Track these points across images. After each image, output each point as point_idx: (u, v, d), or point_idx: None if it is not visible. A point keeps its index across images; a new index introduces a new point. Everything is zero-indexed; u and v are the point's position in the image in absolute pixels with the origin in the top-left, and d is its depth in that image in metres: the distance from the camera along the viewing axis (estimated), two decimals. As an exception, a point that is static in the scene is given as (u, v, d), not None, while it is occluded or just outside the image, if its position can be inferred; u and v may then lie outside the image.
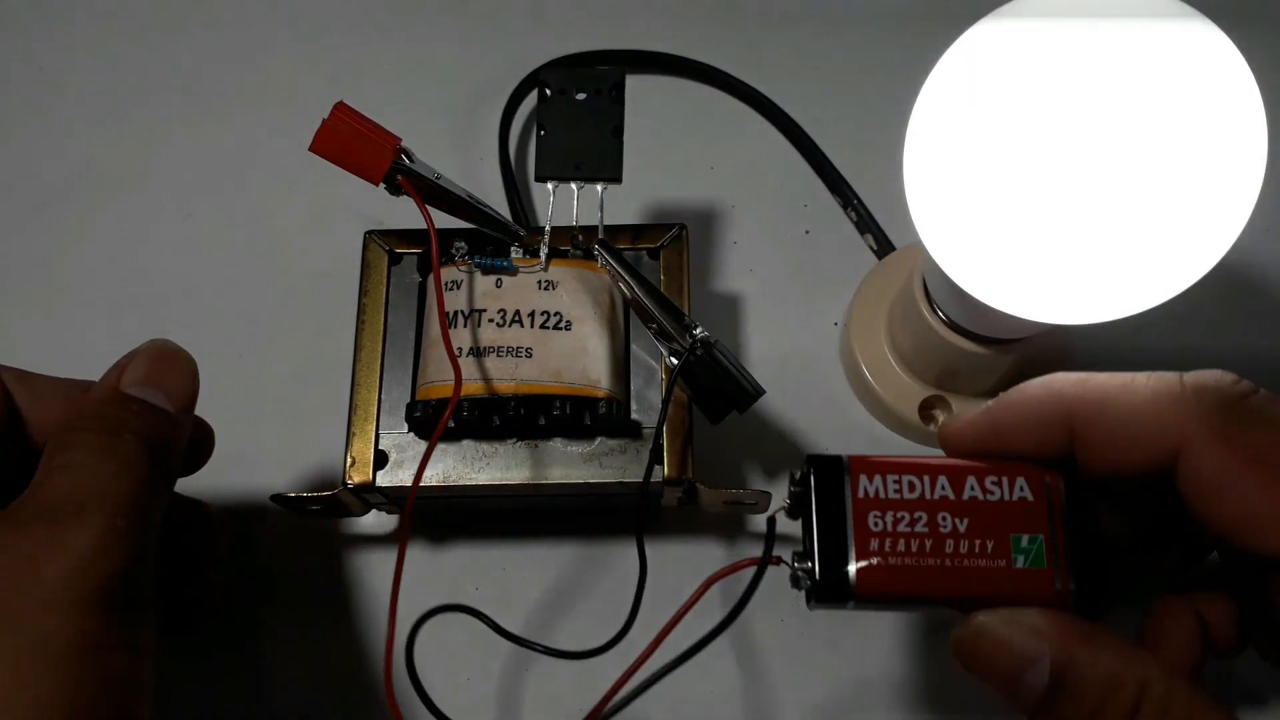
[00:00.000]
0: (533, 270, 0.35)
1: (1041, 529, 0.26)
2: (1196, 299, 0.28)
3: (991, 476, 0.26)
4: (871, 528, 0.26)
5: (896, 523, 0.26)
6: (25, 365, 0.30)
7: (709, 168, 0.46)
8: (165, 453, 0.27)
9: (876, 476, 0.27)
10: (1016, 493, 0.26)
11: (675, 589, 0.38)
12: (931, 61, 0.31)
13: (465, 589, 0.38)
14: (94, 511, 0.24)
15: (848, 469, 0.27)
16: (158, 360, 0.28)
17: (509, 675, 0.37)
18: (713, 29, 0.48)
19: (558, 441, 0.34)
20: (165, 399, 0.27)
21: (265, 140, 0.47)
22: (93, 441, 0.25)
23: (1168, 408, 0.23)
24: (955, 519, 0.26)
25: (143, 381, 0.27)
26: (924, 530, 0.26)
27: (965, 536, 0.26)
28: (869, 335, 0.40)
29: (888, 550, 0.26)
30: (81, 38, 0.49)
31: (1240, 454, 0.22)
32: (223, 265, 0.44)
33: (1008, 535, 0.26)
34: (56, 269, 0.44)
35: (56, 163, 0.47)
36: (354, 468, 0.34)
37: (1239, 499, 0.22)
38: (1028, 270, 0.29)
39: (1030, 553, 0.25)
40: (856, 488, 0.27)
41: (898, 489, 0.26)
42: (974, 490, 0.26)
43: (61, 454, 0.25)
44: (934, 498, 0.26)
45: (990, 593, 0.25)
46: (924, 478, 0.26)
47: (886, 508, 0.26)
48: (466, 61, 0.48)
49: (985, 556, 0.25)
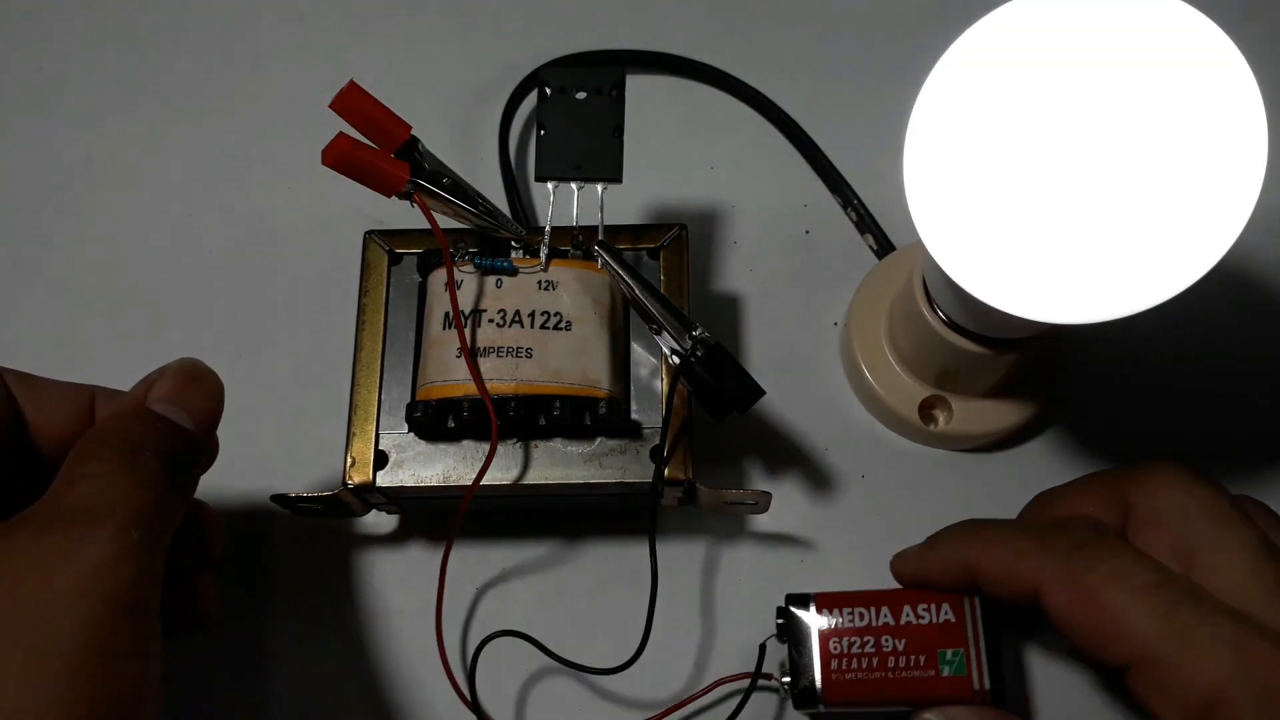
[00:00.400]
0: (533, 270, 0.35)
1: (962, 644, 0.33)
2: (1196, 298, 0.28)
3: (923, 604, 0.33)
4: (833, 651, 0.33)
5: (851, 645, 0.33)
6: (24, 365, 0.30)
7: (709, 168, 0.46)
8: (182, 471, 0.27)
9: (836, 609, 0.34)
10: (942, 616, 0.33)
11: (675, 589, 0.38)
12: (931, 61, 0.31)
13: (465, 589, 0.38)
14: (110, 522, 0.24)
15: (814, 603, 0.34)
16: (185, 379, 0.29)
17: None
18: (713, 29, 0.48)
19: (558, 442, 0.34)
20: (188, 418, 0.28)
21: (265, 140, 0.47)
22: (114, 454, 0.26)
23: (1026, 562, 0.29)
24: (895, 640, 0.33)
25: (168, 399, 0.28)
26: (872, 650, 0.33)
27: (904, 653, 0.33)
28: (869, 335, 0.40)
29: (845, 668, 0.33)
30: (81, 38, 0.49)
31: (1076, 593, 0.28)
32: (223, 265, 0.44)
33: (936, 650, 0.33)
34: (56, 268, 0.44)
35: (56, 162, 0.47)
36: (354, 468, 0.34)
37: (1078, 629, 0.28)
38: (1028, 270, 0.29)
39: (954, 663, 0.33)
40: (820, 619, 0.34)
41: (851, 618, 0.34)
42: (909, 616, 0.33)
43: (83, 464, 0.26)
44: (879, 624, 0.33)
45: (926, 695, 0.33)
46: (870, 608, 0.34)
47: (844, 634, 0.34)
48: (466, 61, 0.48)
49: (920, 668, 0.33)
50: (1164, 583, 0.27)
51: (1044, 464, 0.40)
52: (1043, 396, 0.39)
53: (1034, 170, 0.29)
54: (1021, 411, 0.39)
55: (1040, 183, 0.29)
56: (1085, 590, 0.27)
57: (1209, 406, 0.41)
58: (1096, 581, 0.27)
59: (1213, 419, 0.40)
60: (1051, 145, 0.29)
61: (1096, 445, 0.40)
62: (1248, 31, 0.28)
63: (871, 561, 0.37)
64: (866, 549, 0.37)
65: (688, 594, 0.38)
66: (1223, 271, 0.27)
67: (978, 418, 0.39)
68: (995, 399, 0.39)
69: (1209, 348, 0.41)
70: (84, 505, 0.25)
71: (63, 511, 0.25)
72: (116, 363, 0.42)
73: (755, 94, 0.46)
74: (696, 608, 0.38)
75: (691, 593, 0.38)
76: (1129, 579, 0.27)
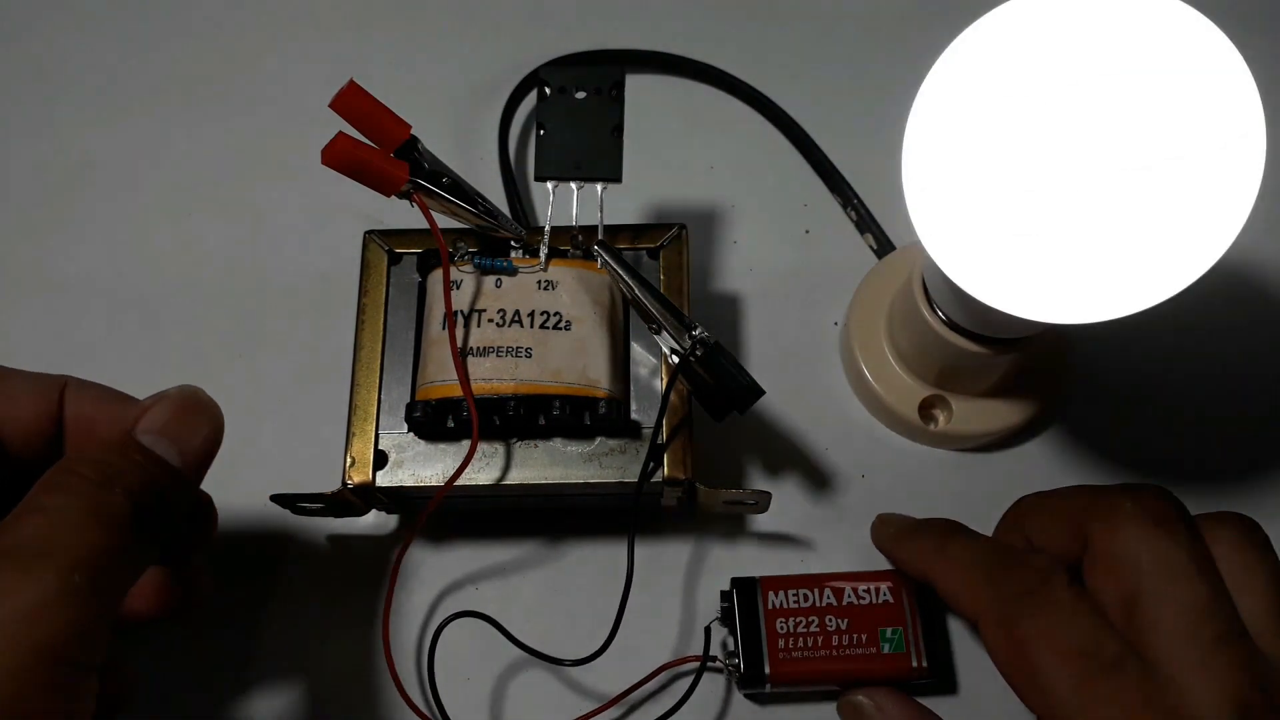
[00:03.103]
0: (532, 270, 0.35)
1: (901, 622, 0.35)
2: (1196, 298, 0.28)
3: (864, 585, 0.35)
4: (779, 631, 0.34)
5: (796, 625, 0.35)
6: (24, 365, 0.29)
7: (709, 168, 0.46)
8: (155, 514, 0.25)
9: (781, 591, 0.35)
10: (881, 597, 0.35)
11: (675, 590, 0.38)
12: (931, 61, 0.31)
13: (465, 589, 0.38)
14: (52, 563, 0.22)
15: (759, 587, 0.35)
16: (180, 410, 0.26)
17: (508, 677, 0.37)
18: (712, 29, 0.48)
19: (557, 441, 0.34)
20: (177, 455, 0.26)
21: (265, 140, 0.47)
22: (78, 488, 0.24)
23: (971, 594, 0.30)
24: (838, 619, 0.35)
25: (158, 430, 0.26)
26: (816, 630, 0.35)
27: (846, 632, 0.34)
28: (869, 335, 0.40)
29: (791, 648, 0.34)
30: (81, 38, 0.49)
31: (1006, 640, 0.28)
32: (223, 265, 0.44)
33: (877, 629, 0.34)
34: (56, 268, 0.44)
35: (56, 163, 0.47)
36: (354, 468, 0.34)
37: (1003, 670, 0.29)
38: (1027, 270, 0.29)
39: (894, 640, 0.34)
40: (767, 601, 0.35)
41: (796, 600, 0.35)
42: (851, 597, 0.35)
43: (43, 494, 0.24)
44: (822, 604, 0.35)
45: (867, 672, 0.34)
46: (814, 589, 0.35)
47: (789, 615, 0.35)
48: (466, 61, 0.48)
49: (861, 646, 0.34)
50: (1088, 651, 0.27)
51: (1044, 464, 0.40)
52: (1043, 396, 0.39)
53: (1033, 170, 0.29)
54: (1021, 411, 0.39)
55: (1039, 183, 0.29)
56: (1015, 639, 0.28)
57: (1208, 406, 0.41)
58: (1027, 633, 0.28)
59: (1212, 419, 0.40)
60: (1050, 145, 0.29)
61: (1096, 445, 0.40)
62: (1247, 32, 0.28)
63: (871, 561, 0.37)
64: (866, 549, 0.37)
65: (688, 594, 0.38)
66: (1222, 271, 0.27)
67: (978, 418, 0.39)
68: (995, 399, 0.39)
69: (1208, 348, 0.41)
70: (30, 541, 0.22)
71: (6, 544, 0.22)
72: (116, 363, 0.42)
73: (755, 94, 0.46)
74: (696, 607, 0.38)
75: (692, 593, 0.38)
76: (1056, 638, 0.27)
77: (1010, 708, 0.32)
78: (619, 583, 0.33)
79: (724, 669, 0.35)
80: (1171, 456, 0.40)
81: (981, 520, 0.34)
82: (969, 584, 0.31)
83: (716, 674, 0.36)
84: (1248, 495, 0.39)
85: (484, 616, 0.35)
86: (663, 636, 0.37)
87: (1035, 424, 0.40)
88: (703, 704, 0.36)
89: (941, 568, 0.32)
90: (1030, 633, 0.28)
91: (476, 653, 0.36)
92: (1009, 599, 0.29)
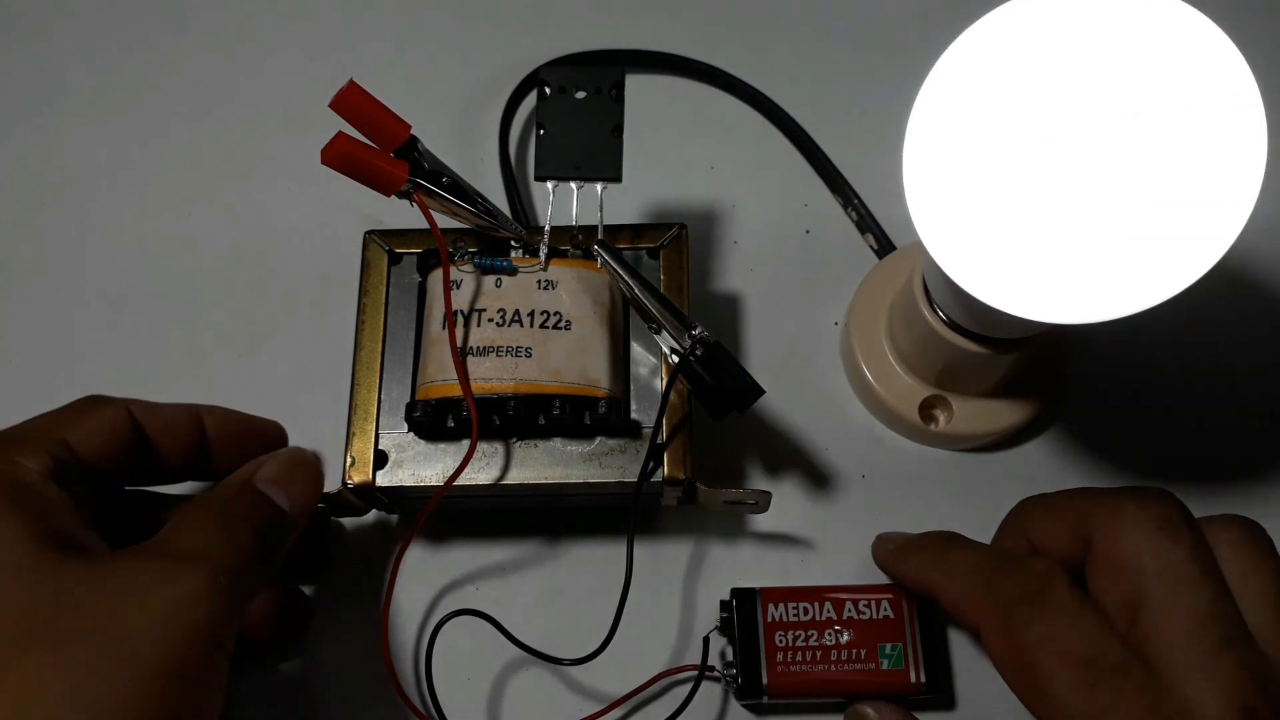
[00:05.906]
0: (532, 270, 0.35)
1: (900, 639, 0.34)
2: (1196, 298, 0.28)
3: (864, 599, 0.35)
4: (778, 644, 0.34)
5: (796, 638, 0.34)
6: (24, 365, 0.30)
7: (709, 168, 0.46)
8: (271, 545, 0.31)
9: (781, 604, 0.35)
10: (882, 612, 0.35)
11: (675, 590, 0.38)
12: (931, 61, 0.31)
13: (465, 589, 0.38)
14: (205, 566, 0.27)
15: (759, 599, 0.35)
16: (289, 466, 0.33)
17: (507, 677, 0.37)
18: (713, 29, 0.48)
19: (557, 441, 0.34)
20: (286, 501, 0.32)
21: (265, 140, 0.47)
22: (215, 516, 0.30)
23: (972, 603, 0.30)
24: (838, 633, 0.34)
25: (271, 480, 0.32)
26: (815, 644, 0.34)
27: (846, 647, 0.34)
28: (869, 335, 0.40)
29: (790, 661, 0.34)
30: (81, 38, 0.49)
31: (1009, 646, 0.28)
32: (223, 265, 0.44)
33: (876, 644, 0.34)
34: (56, 268, 0.44)
35: (56, 162, 0.47)
36: (354, 467, 0.34)
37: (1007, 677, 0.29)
38: (1028, 270, 0.29)
39: (893, 656, 0.34)
40: (766, 614, 0.35)
41: (796, 613, 0.35)
42: (851, 611, 0.35)
43: (187, 520, 0.30)
44: (822, 618, 0.35)
45: (865, 686, 0.34)
46: (814, 602, 0.35)
47: (789, 628, 0.35)
48: (466, 61, 0.48)
49: (860, 661, 0.34)
50: (1090, 656, 0.27)
51: (1044, 464, 0.40)
52: (1043, 396, 0.39)
53: (1033, 170, 0.29)
54: (1021, 411, 0.39)
55: (1040, 183, 0.29)
56: (1018, 646, 0.28)
57: (1208, 406, 0.41)
58: (1030, 640, 0.28)
59: (1212, 418, 0.40)
60: (1050, 145, 0.29)
61: (1096, 445, 0.40)
62: (1247, 31, 0.28)
63: (871, 562, 0.37)
64: (866, 549, 0.37)
65: (687, 594, 0.38)
66: (1223, 271, 0.27)
67: (978, 418, 0.39)
68: (995, 399, 0.39)
69: (1208, 348, 0.41)
70: (185, 549, 0.28)
71: (167, 550, 0.28)
72: (117, 363, 0.42)
73: (755, 94, 0.46)
74: (696, 607, 0.38)
75: (691, 592, 0.38)
76: (1060, 644, 0.27)
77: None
78: (618, 582, 0.33)
79: (722, 678, 0.35)
80: (1172, 457, 0.40)
81: (982, 521, 0.34)
82: (969, 592, 0.31)
83: (714, 683, 0.36)
84: (1248, 495, 0.39)
85: (482, 614, 0.35)
86: (662, 637, 0.37)
87: (1035, 424, 0.40)
88: (700, 712, 0.36)
89: (942, 578, 0.32)
90: (1032, 639, 0.28)
91: (475, 652, 0.36)
92: (1010, 605, 0.29)
